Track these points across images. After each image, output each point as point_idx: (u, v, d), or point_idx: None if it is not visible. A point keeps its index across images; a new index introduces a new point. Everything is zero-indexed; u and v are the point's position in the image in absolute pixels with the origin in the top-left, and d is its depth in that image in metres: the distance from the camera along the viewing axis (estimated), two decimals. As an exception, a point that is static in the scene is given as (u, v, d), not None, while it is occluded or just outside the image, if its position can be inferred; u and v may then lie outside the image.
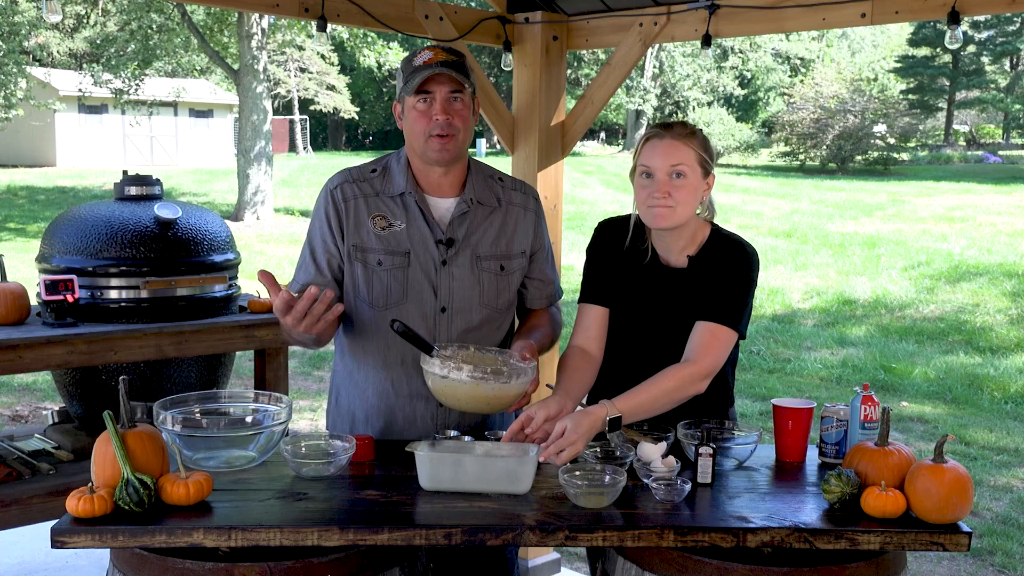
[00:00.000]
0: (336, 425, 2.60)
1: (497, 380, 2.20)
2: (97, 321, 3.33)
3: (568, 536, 1.95)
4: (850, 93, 29.42)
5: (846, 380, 8.32)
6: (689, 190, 2.37)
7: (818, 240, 15.17)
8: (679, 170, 2.36)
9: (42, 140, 29.05)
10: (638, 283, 2.49)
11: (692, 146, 2.38)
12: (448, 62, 2.34)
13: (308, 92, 33.79)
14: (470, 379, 2.19)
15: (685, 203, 2.38)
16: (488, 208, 2.49)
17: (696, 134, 2.41)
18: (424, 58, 2.35)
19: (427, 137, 2.35)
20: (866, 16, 3.31)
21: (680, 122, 2.45)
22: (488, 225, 2.48)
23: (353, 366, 2.54)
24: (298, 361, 8.44)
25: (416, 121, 2.37)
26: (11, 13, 19.42)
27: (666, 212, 2.38)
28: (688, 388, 2.34)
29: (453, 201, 2.46)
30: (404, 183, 2.43)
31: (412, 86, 2.33)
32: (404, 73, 2.38)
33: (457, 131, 2.36)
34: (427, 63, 2.34)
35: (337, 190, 2.45)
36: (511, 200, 2.53)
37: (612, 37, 3.96)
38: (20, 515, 3.11)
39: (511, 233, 2.51)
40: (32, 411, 6.88)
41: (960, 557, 4.61)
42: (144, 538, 1.89)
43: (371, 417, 2.51)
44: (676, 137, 2.38)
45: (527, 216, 2.55)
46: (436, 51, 2.37)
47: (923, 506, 1.99)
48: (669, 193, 2.36)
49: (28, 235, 15.70)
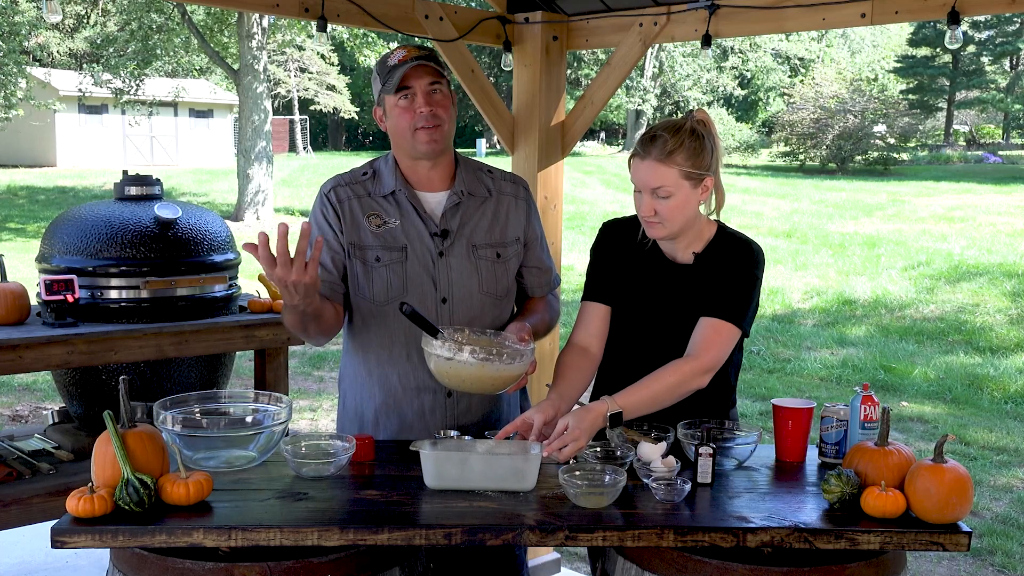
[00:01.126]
0: (345, 428, 2.62)
1: (502, 361, 2.22)
2: (97, 321, 3.33)
3: (568, 536, 1.95)
4: (850, 93, 29.42)
5: (846, 380, 8.32)
6: (676, 207, 2.35)
7: (818, 240, 15.17)
8: (661, 193, 2.34)
9: (42, 140, 29.06)
10: (644, 279, 2.49)
11: (674, 164, 2.31)
12: (422, 56, 2.39)
13: (308, 92, 33.80)
14: (476, 360, 2.19)
15: (673, 219, 2.37)
16: (479, 199, 2.52)
17: (680, 148, 2.31)
18: (398, 56, 2.40)
19: (414, 130, 2.39)
20: (866, 16, 3.31)
21: (665, 133, 2.33)
22: (481, 215, 2.51)
23: (358, 364, 2.55)
24: (298, 361, 8.44)
25: (400, 117, 2.40)
26: (11, 13, 19.43)
27: (656, 227, 2.39)
28: (690, 383, 2.34)
29: (444, 194, 2.50)
30: (394, 182, 2.47)
31: (392, 84, 2.37)
32: (380, 75, 2.42)
33: (442, 121, 2.40)
34: (402, 60, 2.38)
35: (331, 193, 2.49)
36: (501, 190, 2.57)
37: (612, 37, 3.96)
38: (20, 515, 3.10)
39: (504, 221, 2.54)
40: (32, 411, 6.88)
41: (960, 557, 4.61)
42: (144, 538, 1.89)
43: (380, 415, 2.52)
44: (657, 159, 2.32)
45: (518, 204, 2.58)
46: (408, 48, 2.42)
47: (923, 506, 1.99)
48: (655, 211, 2.36)
49: (28, 235, 15.71)
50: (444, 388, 2.46)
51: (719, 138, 2.43)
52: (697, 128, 2.36)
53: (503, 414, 2.60)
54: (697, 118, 2.39)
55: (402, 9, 3.72)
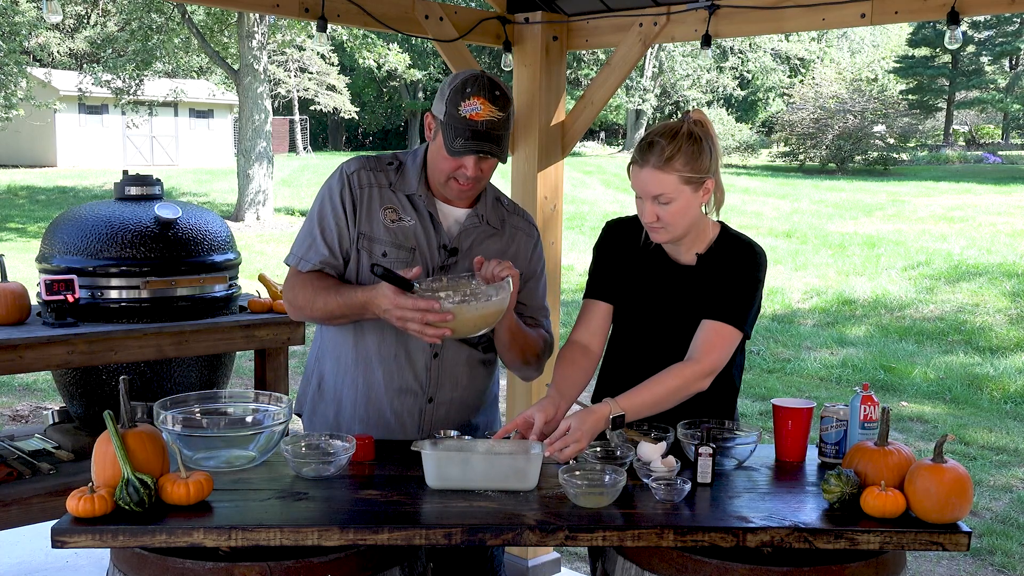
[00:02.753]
0: (316, 409, 2.57)
1: (479, 300, 2.20)
2: (97, 321, 3.34)
3: (568, 536, 1.95)
4: (850, 93, 29.41)
5: (846, 380, 8.32)
6: (678, 211, 2.35)
7: (818, 240, 15.17)
8: (662, 199, 2.33)
9: (42, 140, 29.05)
10: (647, 279, 2.49)
11: (673, 170, 2.30)
12: (492, 135, 2.26)
13: (308, 92, 33.76)
14: (452, 305, 2.17)
15: (676, 223, 2.36)
16: (492, 228, 2.50)
17: (679, 153, 2.29)
18: (472, 110, 2.24)
19: (449, 178, 2.35)
20: (866, 16, 3.31)
21: (662, 140, 2.31)
22: (491, 244, 2.49)
23: (343, 353, 2.50)
24: (298, 361, 8.43)
25: (444, 160, 2.33)
26: (11, 13, 19.43)
27: (659, 232, 2.39)
28: (691, 386, 2.34)
29: (463, 212, 2.46)
30: (416, 185, 2.43)
31: (450, 146, 2.26)
32: (447, 105, 2.27)
33: (480, 181, 2.38)
34: (473, 119, 2.23)
35: (355, 175, 2.42)
36: (515, 225, 2.56)
37: (612, 37, 3.96)
38: (20, 515, 3.11)
39: (512, 256, 2.51)
40: (32, 411, 6.89)
41: (960, 557, 4.62)
42: (144, 538, 1.89)
43: (358, 408, 2.49)
44: (655, 166, 2.30)
45: (528, 242, 2.57)
46: (485, 104, 2.25)
47: (923, 506, 1.99)
48: (657, 216, 2.36)
49: (28, 235, 15.70)
50: (425, 393, 2.45)
51: (717, 137, 2.39)
52: (694, 130, 2.33)
53: (480, 423, 2.58)
54: (693, 119, 2.35)
55: (402, 9, 3.72)
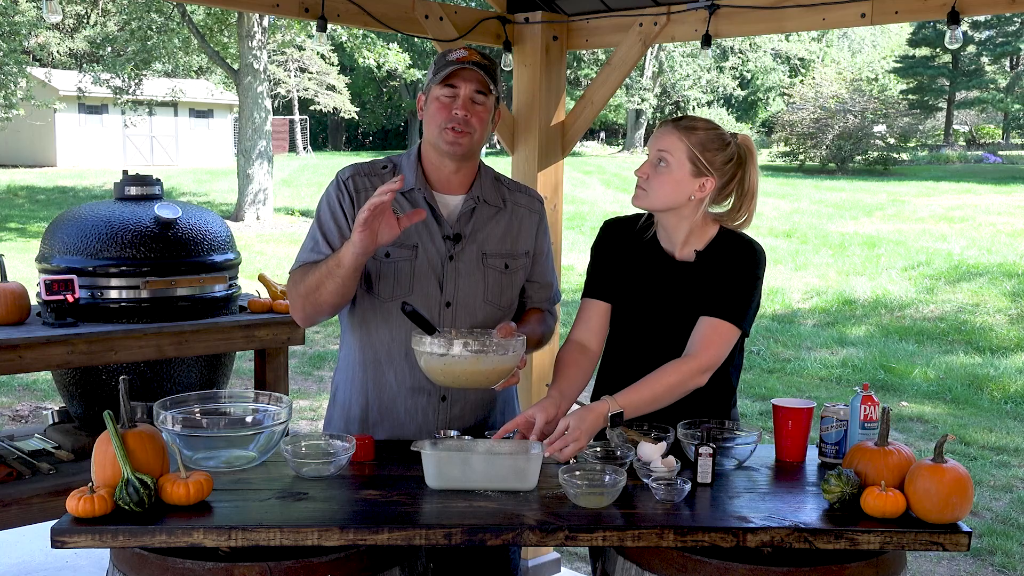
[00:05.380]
0: (331, 420, 2.61)
1: (496, 353, 2.22)
2: (97, 321, 3.33)
3: (568, 536, 1.95)
4: (850, 93, 29.41)
5: (846, 380, 8.32)
6: (668, 180, 2.38)
7: (818, 240, 15.17)
8: (662, 156, 2.39)
9: (42, 140, 29.06)
10: (645, 277, 2.50)
11: (687, 140, 2.37)
12: (480, 63, 2.39)
13: (308, 92, 33.77)
14: (470, 354, 2.20)
15: (659, 192, 2.40)
16: (494, 208, 2.53)
17: (703, 132, 2.39)
18: (458, 55, 2.40)
19: (442, 128, 2.39)
20: (866, 16, 3.31)
21: (697, 117, 2.46)
22: (495, 224, 2.51)
23: (354, 359, 2.54)
24: (298, 361, 8.44)
25: (437, 111, 2.40)
26: (11, 13, 19.42)
27: (639, 193, 2.44)
28: (688, 383, 2.34)
29: (461, 198, 2.50)
30: (414, 179, 2.46)
31: (440, 76, 2.38)
32: (436, 65, 2.43)
33: (473, 130, 2.40)
34: (460, 60, 2.38)
35: (349, 181, 2.48)
36: (517, 202, 2.58)
37: (612, 37, 3.96)
38: (20, 515, 3.10)
39: (516, 233, 2.54)
40: (32, 411, 6.89)
41: (960, 557, 4.62)
42: (144, 538, 1.89)
43: (371, 411, 2.51)
44: (677, 128, 2.40)
45: (532, 217, 2.59)
46: (471, 51, 2.43)
47: (923, 506, 1.99)
48: (648, 176, 2.40)
49: (28, 235, 15.70)
50: (439, 391, 2.46)
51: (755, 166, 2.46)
52: (729, 138, 2.43)
53: (496, 419, 2.59)
54: (739, 138, 2.45)
55: (402, 9, 3.72)
